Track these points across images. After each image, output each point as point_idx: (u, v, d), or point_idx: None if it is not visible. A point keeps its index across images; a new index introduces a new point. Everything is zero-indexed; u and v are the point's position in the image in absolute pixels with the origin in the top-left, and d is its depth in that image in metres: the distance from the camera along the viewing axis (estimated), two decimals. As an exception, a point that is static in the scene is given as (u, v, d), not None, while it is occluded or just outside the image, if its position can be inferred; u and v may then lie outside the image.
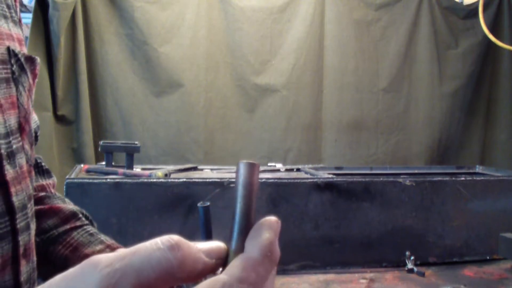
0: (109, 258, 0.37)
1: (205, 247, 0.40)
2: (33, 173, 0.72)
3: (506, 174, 2.23)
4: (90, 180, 1.72)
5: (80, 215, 0.88)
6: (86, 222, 0.88)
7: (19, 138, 0.65)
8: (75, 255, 0.79)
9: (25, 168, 0.66)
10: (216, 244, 0.41)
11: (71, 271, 0.39)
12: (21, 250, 0.63)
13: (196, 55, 2.83)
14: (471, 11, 3.09)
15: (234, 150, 2.93)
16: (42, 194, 0.89)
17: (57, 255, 0.80)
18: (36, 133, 0.86)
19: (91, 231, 0.85)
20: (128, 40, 2.76)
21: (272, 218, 0.42)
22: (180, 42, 2.81)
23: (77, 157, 2.65)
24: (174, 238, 0.37)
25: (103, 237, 0.85)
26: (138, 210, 1.69)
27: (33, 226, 0.69)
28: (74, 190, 1.65)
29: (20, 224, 0.63)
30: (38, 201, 0.86)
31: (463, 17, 3.14)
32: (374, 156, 3.09)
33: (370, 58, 3.07)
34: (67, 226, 0.83)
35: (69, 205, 0.89)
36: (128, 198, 1.69)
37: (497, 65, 3.20)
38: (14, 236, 0.62)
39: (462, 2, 3.22)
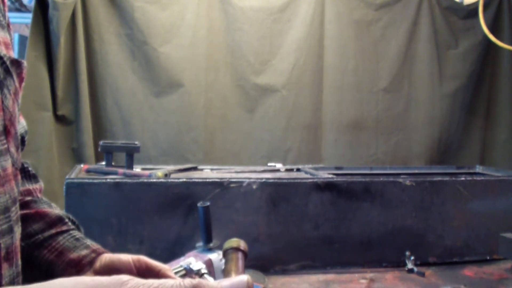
0: (137, 281, 0.43)
1: (226, 284, 0.45)
2: (19, 176, 0.71)
3: (506, 174, 2.23)
4: (90, 180, 1.72)
5: (66, 220, 0.87)
6: (72, 227, 0.87)
7: (4, 141, 0.65)
8: (60, 260, 0.79)
9: (9, 170, 0.65)
10: (237, 280, 0.45)
11: (98, 278, 0.44)
12: (3, 253, 0.62)
13: (196, 55, 2.83)
14: (471, 11, 3.09)
15: (234, 150, 2.93)
16: (29, 198, 0.87)
17: (42, 259, 0.79)
18: (23, 137, 0.85)
19: (77, 236, 0.85)
20: (128, 40, 2.76)
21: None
22: (180, 42, 2.81)
23: (77, 157, 2.65)
24: (195, 281, 0.43)
25: (89, 241, 0.85)
26: (138, 210, 1.69)
27: (17, 229, 0.67)
28: (74, 190, 1.65)
29: (2, 226, 0.62)
30: (25, 205, 0.85)
31: (463, 17, 3.14)
32: (374, 156, 3.09)
33: (370, 58, 3.07)
34: (53, 231, 0.83)
35: (55, 210, 0.88)
36: (128, 198, 1.68)
37: (497, 65, 3.20)
38: None
39: (462, 2, 3.22)
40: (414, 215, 1.87)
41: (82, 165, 2.12)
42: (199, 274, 0.86)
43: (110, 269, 0.78)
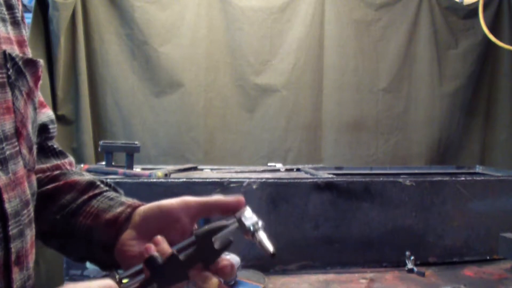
0: None
1: None
2: (32, 177, 0.70)
3: (506, 174, 2.23)
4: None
5: (98, 183, 0.84)
6: (106, 188, 0.84)
7: (16, 143, 0.64)
8: (96, 223, 0.76)
9: (21, 173, 0.65)
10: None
11: None
12: (13, 257, 0.62)
13: (196, 55, 2.82)
14: (471, 11, 3.09)
15: (234, 150, 2.93)
16: (57, 172, 0.85)
17: (79, 226, 0.76)
18: (47, 126, 0.84)
19: (111, 196, 0.81)
20: (128, 40, 2.76)
21: None
22: (180, 42, 2.80)
23: (77, 157, 2.65)
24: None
25: (124, 198, 0.81)
26: (138, 210, 1.69)
27: (29, 232, 0.67)
28: (74, 190, 1.65)
29: (12, 231, 0.62)
30: (54, 179, 0.83)
31: (463, 17, 3.14)
32: (374, 156, 3.09)
33: (370, 58, 3.07)
34: (85, 196, 0.80)
35: (86, 177, 0.86)
36: (128, 198, 1.68)
37: (497, 65, 3.20)
38: (6, 243, 0.61)
39: (462, 2, 3.22)
40: (414, 215, 1.87)
41: (82, 165, 2.12)
42: (250, 232, 0.71)
43: (150, 221, 0.73)
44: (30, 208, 0.68)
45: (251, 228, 0.71)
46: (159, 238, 0.67)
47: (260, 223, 0.72)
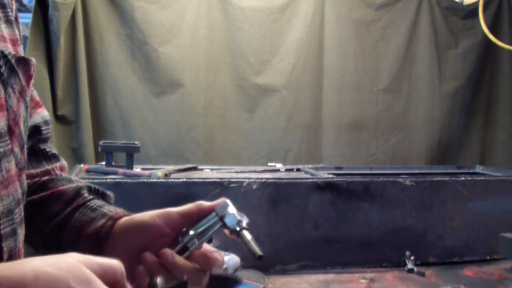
0: None
1: None
2: (23, 176, 0.69)
3: (506, 174, 2.23)
4: (90, 180, 1.71)
5: (84, 191, 0.83)
6: (89, 197, 0.83)
7: (8, 141, 0.63)
8: (80, 236, 0.76)
9: (13, 172, 0.64)
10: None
11: None
12: (6, 256, 0.61)
13: (196, 55, 2.83)
14: (471, 11, 3.09)
15: (234, 150, 2.93)
16: (45, 178, 0.84)
17: (65, 240, 0.76)
18: (39, 127, 0.84)
19: (94, 206, 0.80)
20: (128, 40, 2.76)
21: None
22: (180, 42, 2.80)
23: (77, 157, 2.65)
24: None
25: (106, 208, 0.80)
26: (138, 210, 1.68)
27: (20, 231, 0.66)
28: (74, 190, 1.65)
29: (5, 229, 0.61)
30: (42, 186, 0.82)
31: (463, 17, 3.14)
32: (374, 156, 3.09)
33: (370, 58, 3.07)
34: (69, 208, 0.79)
35: (73, 184, 0.84)
36: (128, 198, 1.68)
37: (497, 65, 3.20)
38: None
39: (462, 2, 3.22)
40: (414, 215, 1.87)
41: (82, 165, 2.12)
42: (235, 232, 0.67)
43: (133, 237, 0.73)
44: (21, 207, 0.67)
45: (237, 227, 0.67)
46: (148, 255, 0.68)
47: (244, 222, 0.68)
